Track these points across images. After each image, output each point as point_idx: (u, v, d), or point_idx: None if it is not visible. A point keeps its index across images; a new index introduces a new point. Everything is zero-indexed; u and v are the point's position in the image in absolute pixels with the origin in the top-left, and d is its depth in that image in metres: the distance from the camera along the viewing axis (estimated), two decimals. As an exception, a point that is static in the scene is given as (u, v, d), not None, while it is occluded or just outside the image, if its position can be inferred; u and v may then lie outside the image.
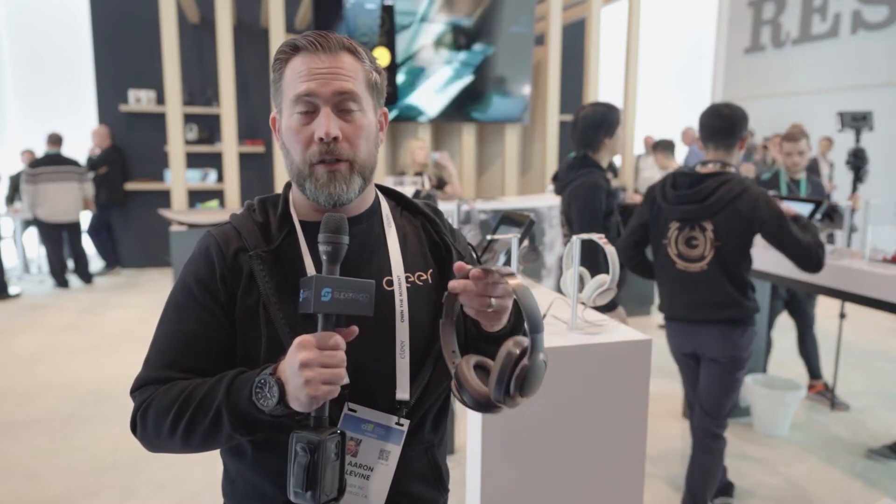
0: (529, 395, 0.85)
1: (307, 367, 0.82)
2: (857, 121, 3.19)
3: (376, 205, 1.08)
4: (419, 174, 4.75)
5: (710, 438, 2.47)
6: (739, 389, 2.49)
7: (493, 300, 0.91)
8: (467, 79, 6.57)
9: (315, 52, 0.96)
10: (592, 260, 2.33)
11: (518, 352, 0.84)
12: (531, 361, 0.83)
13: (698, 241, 2.36)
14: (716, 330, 2.38)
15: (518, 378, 0.84)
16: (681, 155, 7.84)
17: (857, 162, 3.16)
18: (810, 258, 2.30)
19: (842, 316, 3.64)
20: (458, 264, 0.91)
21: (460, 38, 6.47)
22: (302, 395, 0.82)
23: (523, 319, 0.84)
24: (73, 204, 6.89)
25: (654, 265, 2.57)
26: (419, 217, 1.12)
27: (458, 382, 0.91)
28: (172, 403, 0.92)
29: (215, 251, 0.99)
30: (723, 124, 2.38)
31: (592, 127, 2.76)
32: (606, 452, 1.75)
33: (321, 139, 0.94)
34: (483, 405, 0.89)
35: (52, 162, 6.76)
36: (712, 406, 2.46)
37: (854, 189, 3.17)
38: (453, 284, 0.89)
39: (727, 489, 2.74)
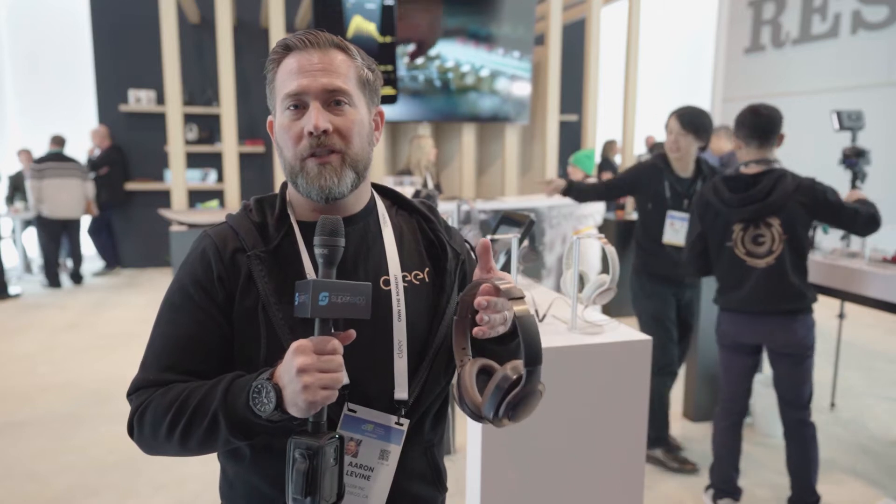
0: (519, 420, 0.86)
1: (305, 373, 0.81)
2: (853, 120, 3.20)
3: (372, 203, 1.07)
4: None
5: (802, 426, 2.54)
6: (813, 373, 2.57)
7: (488, 315, 0.90)
8: (468, 78, 6.57)
9: (305, 48, 0.96)
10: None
11: (513, 378, 0.84)
12: (524, 392, 0.83)
13: (765, 237, 2.45)
14: (785, 321, 2.47)
15: (509, 404, 0.84)
16: None
17: (864, 162, 3.15)
18: (872, 222, 2.45)
19: (840, 316, 3.64)
20: (480, 274, 0.92)
21: (461, 37, 6.47)
22: (300, 401, 0.81)
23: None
24: (76, 201, 6.94)
25: (715, 265, 2.61)
26: (415, 216, 1.12)
27: (458, 387, 0.91)
28: (169, 407, 0.91)
29: (212, 252, 0.98)
30: (765, 123, 2.47)
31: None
32: (606, 452, 1.75)
33: (311, 133, 0.93)
34: (477, 417, 0.90)
35: (55, 159, 6.84)
36: (795, 396, 2.53)
37: (853, 187, 3.17)
38: (479, 301, 0.89)
39: (734, 492, 2.73)
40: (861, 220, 2.44)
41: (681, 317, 3.19)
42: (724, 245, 2.53)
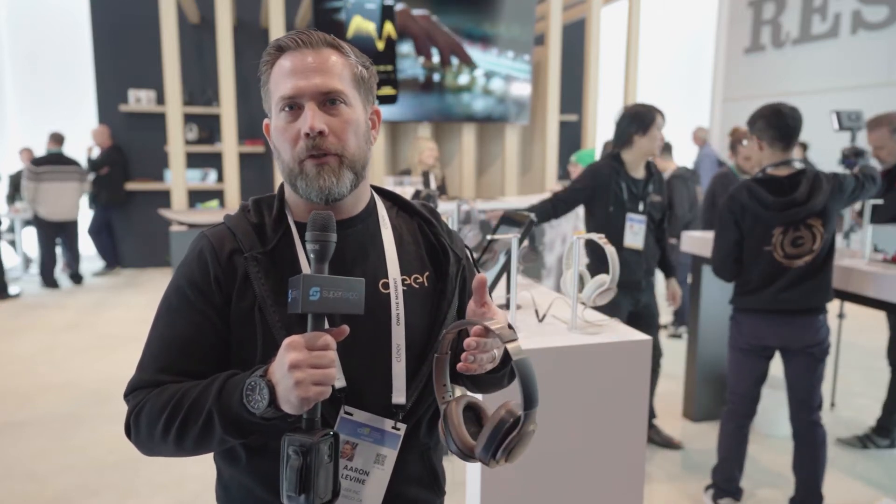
0: (513, 461, 0.86)
1: (297, 369, 0.80)
2: (852, 120, 3.18)
3: (372, 205, 1.06)
4: (425, 174, 4.76)
5: (814, 428, 2.55)
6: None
7: (473, 355, 0.88)
8: (468, 78, 6.57)
9: (298, 48, 0.95)
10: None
11: (510, 422, 0.84)
12: (520, 434, 0.83)
13: (804, 238, 2.43)
14: (808, 319, 2.47)
15: (506, 447, 0.84)
16: (688, 156, 7.78)
17: (862, 162, 3.15)
18: (875, 181, 2.59)
19: (840, 316, 3.64)
20: (474, 301, 0.91)
21: (461, 37, 6.46)
22: (292, 397, 0.81)
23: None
24: (74, 203, 6.94)
25: (748, 268, 2.54)
26: (416, 218, 1.11)
27: (446, 426, 0.91)
28: (165, 406, 0.91)
29: (209, 253, 0.98)
30: (794, 124, 2.45)
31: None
32: (606, 452, 1.75)
33: (307, 134, 0.93)
34: (467, 456, 0.89)
35: (55, 161, 6.81)
36: (810, 396, 2.53)
37: None
38: (468, 342, 0.88)
39: (736, 492, 2.73)
40: (866, 184, 2.53)
41: (642, 321, 3.05)
42: (762, 249, 2.47)
